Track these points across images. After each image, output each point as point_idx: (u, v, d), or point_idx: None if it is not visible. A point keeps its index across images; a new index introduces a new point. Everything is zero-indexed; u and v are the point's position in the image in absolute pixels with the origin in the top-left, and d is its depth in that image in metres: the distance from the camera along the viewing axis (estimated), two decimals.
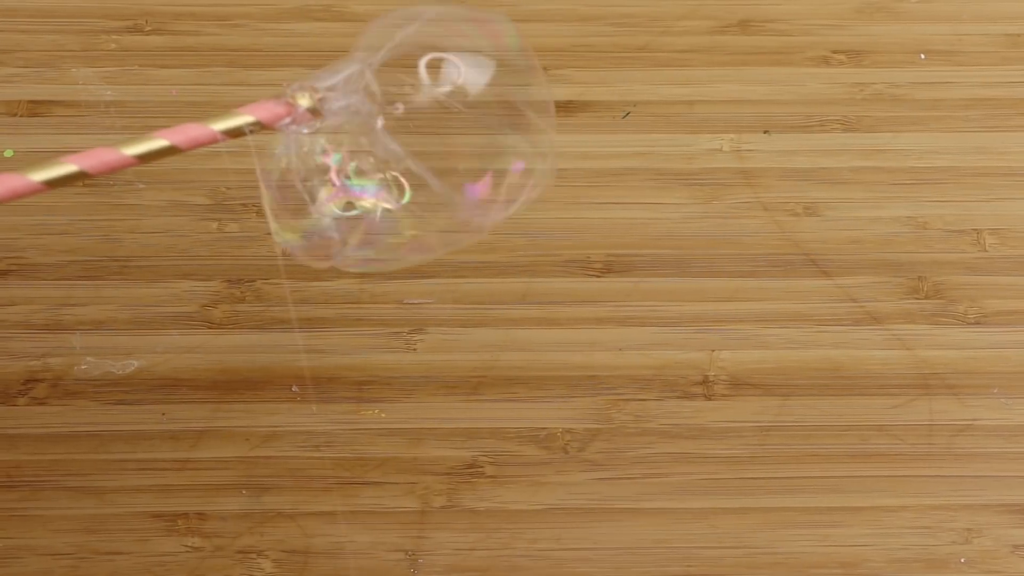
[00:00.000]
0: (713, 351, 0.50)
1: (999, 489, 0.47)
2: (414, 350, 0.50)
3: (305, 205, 0.38)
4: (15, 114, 0.57)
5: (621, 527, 0.46)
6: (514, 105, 0.39)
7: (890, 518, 0.46)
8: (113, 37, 0.60)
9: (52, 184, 0.34)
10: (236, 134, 0.36)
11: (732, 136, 0.57)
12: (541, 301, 0.51)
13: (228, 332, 0.50)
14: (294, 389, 0.49)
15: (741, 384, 0.49)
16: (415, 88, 0.37)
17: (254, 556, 0.45)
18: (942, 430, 0.48)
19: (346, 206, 0.38)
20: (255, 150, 0.36)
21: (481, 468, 0.47)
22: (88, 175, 0.35)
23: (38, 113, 0.57)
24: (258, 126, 0.36)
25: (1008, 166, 0.56)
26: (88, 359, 0.49)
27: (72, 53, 0.59)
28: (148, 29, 0.60)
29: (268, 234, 0.38)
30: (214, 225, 0.53)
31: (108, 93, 0.57)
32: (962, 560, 0.45)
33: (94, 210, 0.53)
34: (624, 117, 0.57)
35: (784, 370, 0.50)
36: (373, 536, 0.45)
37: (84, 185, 0.53)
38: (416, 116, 0.37)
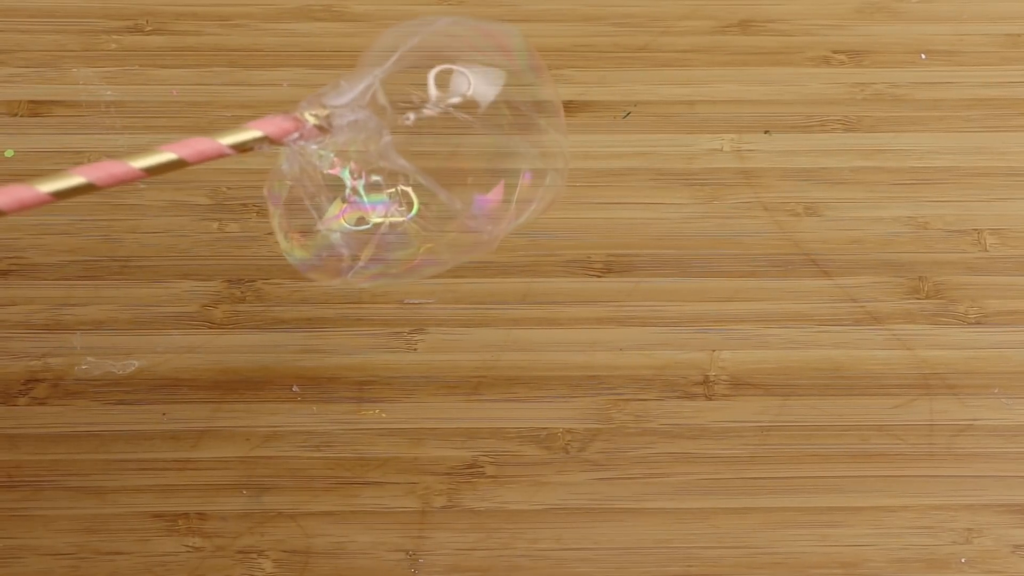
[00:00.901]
0: (714, 351, 0.50)
1: (1000, 489, 0.47)
2: (415, 350, 0.50)
3: (313, 222, 0.38)
4: (15, 114, 0.57)
5: (622, 527, 0.46)
6: (524, 114, 0.39)
7: (891, 518, 0.46)
8: (114, 37, 0.60)
9: (60, 195, 0.34)
10: (244, 149, 0.36)
11: (733, 136, 0.57)
12: (542, 301, 0.51)
13: (228, 332, 0.50)
14: (294, 389, 0.49)
15: (742, 384, 0.49)
16: (424, 100, 0.37)
17: (254, 556, 0.45)
18: (942, 430, 0.48)
19: (357, 221, 0.38)
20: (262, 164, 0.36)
21: (482, 468, 0.47)
22: (96, 187, 0.35)
23: (38, 113, 0.57)
24: (266, 141, 0.36)
25: (1008, 166, 0.56)
26: (88, 359, 0.49)
27: (72, 53, 0.59)
28: (149, 29, 0.60)
29: (269, 234, 0.38)
30: (215, 225, 0.53)
31: (108, 93, 0.57)
32: (963, 560, 0.45)
33: (94, 210, 0.53)
34: (624, 117, 0.57)
35: (785, 370, 0.50)
36: (373, 536, 0.45)
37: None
38: (425, 128, 0.37)
